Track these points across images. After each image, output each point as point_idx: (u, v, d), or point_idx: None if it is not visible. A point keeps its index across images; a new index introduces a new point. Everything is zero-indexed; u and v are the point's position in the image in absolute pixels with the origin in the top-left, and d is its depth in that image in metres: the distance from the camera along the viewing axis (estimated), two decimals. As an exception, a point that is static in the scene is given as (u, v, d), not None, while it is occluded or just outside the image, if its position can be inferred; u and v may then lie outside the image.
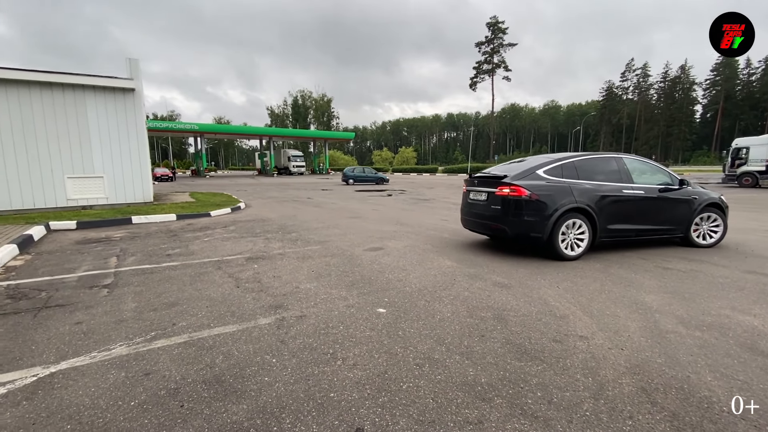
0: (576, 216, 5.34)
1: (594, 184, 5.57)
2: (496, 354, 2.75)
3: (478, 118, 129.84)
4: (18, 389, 2.32)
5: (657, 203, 5.89)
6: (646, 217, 5.87)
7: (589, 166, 5.77)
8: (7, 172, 10.00)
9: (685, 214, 6.10)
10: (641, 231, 5.88)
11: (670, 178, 6.22)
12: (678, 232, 6.16)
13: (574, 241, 5.43)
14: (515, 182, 5.35)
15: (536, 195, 5.24)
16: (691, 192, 6.17)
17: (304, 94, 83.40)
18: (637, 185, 5.82)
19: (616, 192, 5.64)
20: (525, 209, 5.26)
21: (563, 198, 5.30)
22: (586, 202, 5.37)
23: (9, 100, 9.80)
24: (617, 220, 5.65)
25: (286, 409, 2.12)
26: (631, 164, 6.02)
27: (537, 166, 5.64)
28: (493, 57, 69.12)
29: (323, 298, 3.91)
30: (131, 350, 2.81)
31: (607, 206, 5.54)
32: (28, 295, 4.02)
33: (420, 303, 3.76)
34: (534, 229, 5.26)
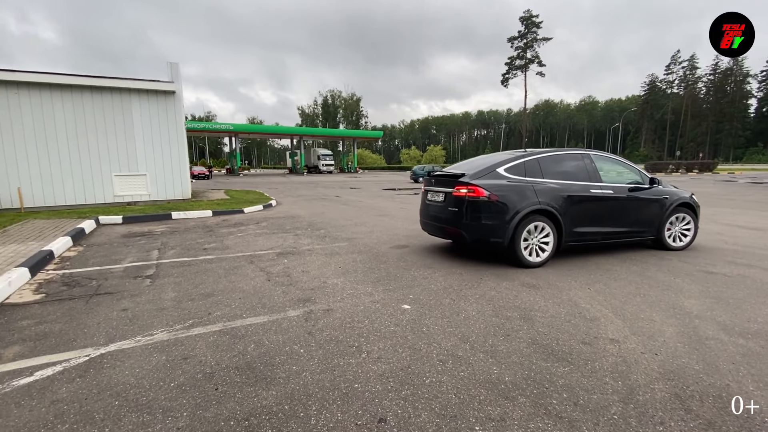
0: (540, 218, 4.91)
1: (559, 184, 5.14)
2: (521, 353, 2.72)
3: (509, 114, 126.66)
4: (72, 367, 2.54)
5: (626, 204, 5.51)
6: (616, 219, 5.49)
7: (555, 163, 5.34)
8: (62, 171, 10.83)
9: (656, 214, 5.76)
10: (610, 234, 5.50)
11: (641, 177, 5.85)
12: (649, 234, 5.80)
13: (537, 246, 4.98)
14: (473, 182, 4.87)
15: (496, 196, 4.79)
16: (662, 191, 5.83)
17: (334, 93, 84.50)
18: (605, 184, 5.43)
19: (583, 192, 5.22)
20: (483, 211, 4.80)
21: (525, 199, 4.86)
22: (550, 204, 4.95)
23: (64, 103, 10.61)
24: (584, 223, 5.26)
25: (313, 397, 2.21)
26: (599, 162, 5.62)
27: (497, 164, 5.14)
28: (526, 52, 67.24)
29: (349, 293, 4.00)
30: (171, 336, 3.01)
31: (573, 207, 5.14)
32: (80, 283, 4.36)
33: (445, 301, 3.77)
34: (494, 233, 4.81)
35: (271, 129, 57.49)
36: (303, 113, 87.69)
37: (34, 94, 10.21)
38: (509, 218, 4.77)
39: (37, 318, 3.36)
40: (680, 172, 44.93)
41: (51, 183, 10.74)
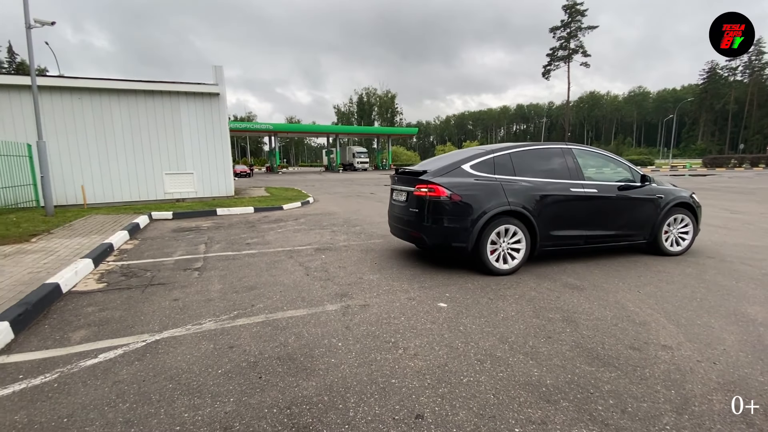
0: (510, 221, 4.44)
1: (534, 182, 4.65)
2: (563, 356, 2.63)
3: (551, 108, 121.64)
4: (131, 351, 2.75)
5: (614, 204, 4.99)
6: (601, 221, 4.96)
7: (529, 159, 4.81)
8: (119, 170, 11.70)
9: (650, 216, 5.20)
10: (594, 238, 4.95)
11: (631, 174, 5.31)
12: (640, 237, 5.25)
13: (507, 252, 4.51)
14: (433, 180, 4.42)
15: (458, 195, 4.34)
16: (656, 190, 5.27)
17: (369, 91, 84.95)
18: (589, 183, 4.89)
19: (561, 191, 4.71)
20: (444, 213, 4.35)
21: (493, 199, 4.40)
22: (522, 204, 4.47)
23: (121, 107, 11.44)
24: (564, 225, 4.76)
25: (351, 390, 2.26)
26: (582, 157, 5.08)
27: (463, 160, 4.66)
28: (569, 42, 64.18)
29: (385, 289, 4.03)
30: (218, 326, 3.17)
31: (549, 209, 4.64)
32: (137, 274, 4.70)
33: (482, 300, 3.70)
34: (456, 237, 4.36)
35: (308, 128, 58.84)
36: (339, 111, 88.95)
37: (94, 99, 11.10)
38: (473, 220, 4.30)
39: (100, 305, 3.67)
40: (744, 167, 41.20)
41: (110, 181, 11.64)
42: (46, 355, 2.70)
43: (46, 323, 3.23)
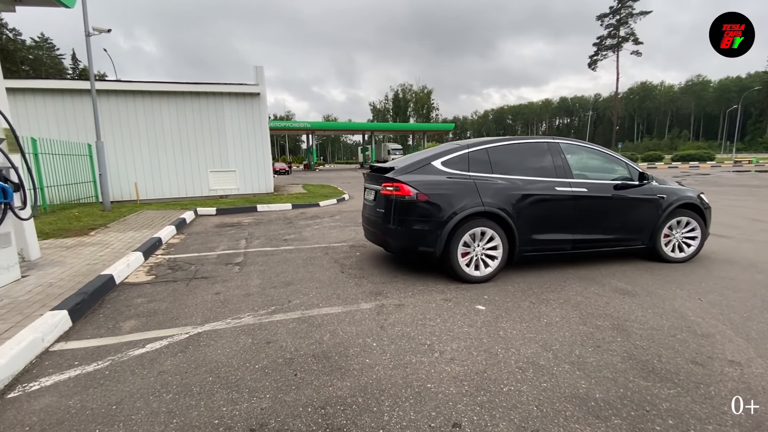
0: (484, 223, 4.05)
1: (513, 180, 4.23)
2: (614, 368, 2.43)
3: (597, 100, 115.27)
4: (175, 343, 2.86)
5: (608, 205, 4.51)
6: (592, 224, 4.48)
7: (509, 155, 4.39)
8: (168, 168, 12.38)
9: (649, 218, 4.69)
10: (582, 242, 4.48)
11: (628, 171, 4.79)
12: (638, 242, 4.74)
13: (482, 257, 4.13)
14: (398, 177, 4.06)
15: (425, 195, 3.96)
16: (656, 189, 4.75)
17: (405, 87, 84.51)
18: (578, 181, 4.43)
19: (544, 191, 4.28)
20: (410, 214, 3.99)
21: (465, 199, 4.01)
22: (498, 205, 4.07)
23: (170, 108, 12.10)
24: (547, 229, 4.32)
25: (386, 393, 2.21)
26: (571, 153, 4.61)
27: (433, 156, 4.26)
28: (619, 29, 60.35)
29: (420, 289, 3.94)
30: (256, 320, 3.24)
31: (531, 210, 4.22)
32: (182, 267, 4.92)
33: (523, 304, 3.53)
34: (423, 240, 4.00)
35: (344, 125, 59.50)
36: (374, 109, 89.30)
37: (146, 101, 11.80)
38: (442, 223, 3.94)
39: (148, 296, 3.86)
40: (822, 162, 36.87)
41: (159, 178, 12.36)
42: (99, 343, 2.87)
43: (100, 312, 3.45)
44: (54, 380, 2.39)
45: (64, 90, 11.17)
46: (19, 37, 52.59)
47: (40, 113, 11.09)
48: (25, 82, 11.13)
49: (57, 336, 2.91)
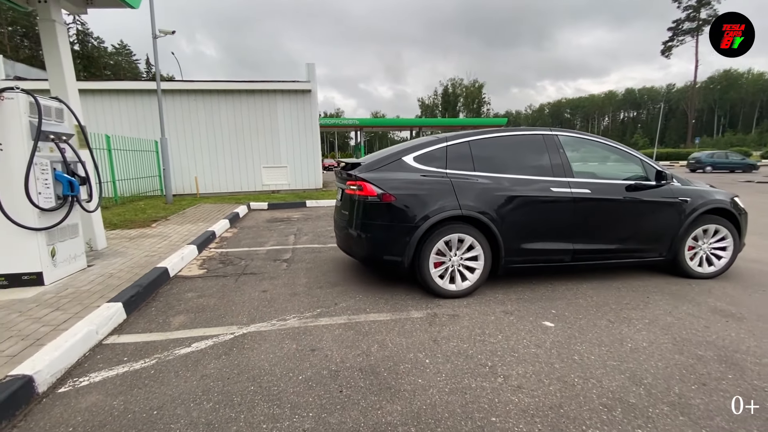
0: (462, 229, 3.49)
1: (498, 179, 3.63)
2: (732, 418, 1.93)
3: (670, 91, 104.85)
4: (220, 344, 2.77)
5: (616, 209, 3.84)
6: (595, 232, 3.82)
7: (495, 150, 3.78)
8: (225, 163, 12.92)
9: (668, 225, 3.96)
10: (584, 253, 3.81)
11: (644, 170, 4.05)
12: (654, 253, 4.01)
13: (459, 269, 3.58)
14: (362, 175, 3.56)
15: (391, 195, 3.44)
16: (678, 191, 3.99)
17: (455, 81, 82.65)
18: (580, 181, 3.77)
19: (537, 192, 3.65)
20: (374, 217, 3.50)
21: (439, 200, 3.46)
22: (479, 208, 3.50)
23: (227, 106, 12.59)
24: (539, 237, 3.70)
25: (442, 424, 1.91)
26: (572, 148, 3.94)
27: (404, 150, 3.73)
28: (699, 11, 54.26)
29: (477, 297, 3.58)
30: (301, 323, 3.08)
31: (520, 214, 3.62)
32: (233, 262, 4.95)
33: (600, 322, 3.05)
34: (388, 248, 3.50)
35: (392, 122, 59.31)
36: (423, 104, 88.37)
37: (206, 99, 12.37)
38: (410, 228, 3.42)
39: (199, 291, 3.87)
40: None
41: (217, 173, 12.93)
42: (148, 338, 2.86)
43: (153, 306, 3.48)
44: (103, 376, 2.37)
45: (135, 90, 12.03)
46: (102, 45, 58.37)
47: (115, 112, 12.03)
48: (101, 84, 12.12)
49: (111, 329, 2.95)
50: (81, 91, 11.39)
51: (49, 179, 3.61)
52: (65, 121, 3.99)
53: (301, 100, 13.09)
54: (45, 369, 2.24)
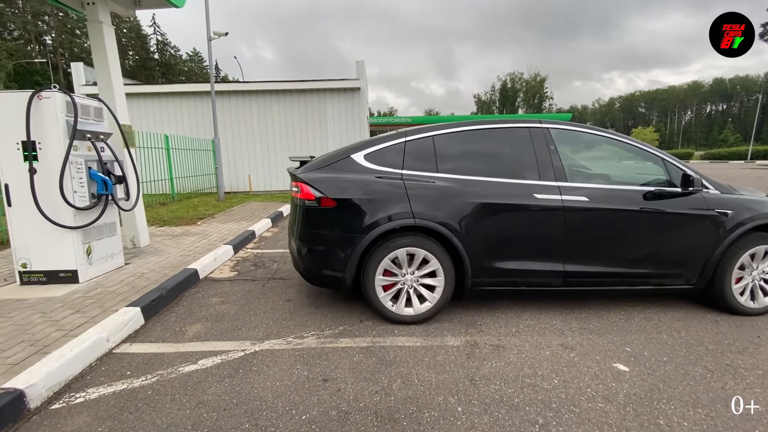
0: (416, 242, 2.90)
1: (465, 182, 2.99)
2: None
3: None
4: (228, 362, 2.50)
5: (624, 222, 3.03)
6: (594, 250, 3.06)
7: (466, 147, 3.15)
8: (276, 161, 13.15)
9: (700, 245, 3.06)
10: (580, 276, 3.04)
11: (666, 173, 3.15)
12: (679, 280, 3.12)
13: (414, 289, 2.99)
14: (302, 175, 3.07)
15: (331, 200, 2.93)
16: (714, 201, 3.06)
17: (514, 76, 78.93)
18: (575, 186, 3.03)
19: (516, 199, 2.97)
20: (312, 225, 3.03)
21: (389, 207, 2.90)
22: (437, 217, 2.89)
23: (278, 105, 12.80)
24: (517, 254, 3.03)
25: None
26: (567, 143, 3.26)
27: (356, 147, 3.17)
28: (812, -15, 46.23)
29: (529, 324, 2.99)
30: (319, 343, 2.73)
31: (491, 226, 2.98)
32: (265, 264, 4.77)
33: (695, 370, 2.33)
34: (328, 262, 3.01)
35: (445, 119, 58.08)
36: (479, 100, 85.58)
37: (259, 99, 12.67)
38: (353, 239, 2.90)
39: (223, 296, 3.69)
40: None
41: (269, 171, 13.21)
42: (158, 349, 2.67)
43: (174, 311, 3.34)
44: (99, 393, 2.18)
45: (194, 92, 12.64)
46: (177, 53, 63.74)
47: (177, 113, 12.74)
48: (164, 87, 12.90)
49: (125, 336, 2.81)
50: (148, 94, 12.16)
51: (84, 178, 3.61)
52: (104, 120, 4.02)
53: (350, 98, 12.94)
54: (40, 382, 2.09)
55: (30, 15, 38.31)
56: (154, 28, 56.95)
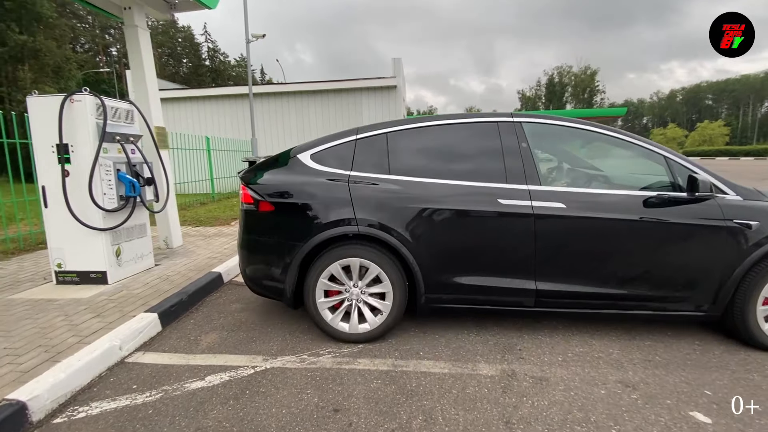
0: (361, 251, 2.61)
1: (416, 186, 2.65)
2: None
3: None
4: (235, 381, 2.31)
5: (611, 233, 2.51)
6: (575, 266, 2.56)
7: (424, 145, 2.81)
8: (313, 161, 13.26)
9: (715, 263, 2.46)
10: (553, 296, 2.57)
11: (669, 174, 2.56)
12: (686, 305, 2.53)
13: (362, 304, 2.69)
14: (243, 177, 2.92)
15: (269, 204, 2.75)
16: (731, 208, 2.46)
17: (562, 70, 74.97)
18: (548, 190, 2.57)
19: (476, 205, 2.57)
20: (252, 231, 2.88)
21: (331, 212, 2.64)
22: (384, 225, 2.57)
23: (314, 106, 12.89)
24: (479, 268, 2.62)
25: None
26: (545, 141, 2.93)
27: (303, 147, 2.93)
28: None
29: (578, 352, 2.55)
30: (335, 363, 2.47)
31: (447, 235, 2.60)
32: (292, 269, 4.61)
33: (806, 430, 1.81)
34: (267, 272, 2.80)
35: (489, 116, 56.43)
36: (523, 96, 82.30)
37: (297, 100, 12.82)
38: (292, 247, 2.66)
39: (245, 303, 3.55)
40: None
41: (306, 172, 13.32)
42: (170, 360, 2.55)
43: (192, 318, 3.23)
44: (102, 409, 2.07)
45: (235, 95, 13.01)
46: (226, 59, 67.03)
47: (219, 115, 13.19)
48: (207, 90, 13.44)
49: (139, 343, 2.73)
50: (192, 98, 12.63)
51: (113, 180, 3.63)
52: (135, 123, 4.04)
53: (386, 96, 12.74)
54: (44, 394, 2.01)
55: (98, 29, 41.86)
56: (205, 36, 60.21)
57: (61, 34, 24.38)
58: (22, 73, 18.77)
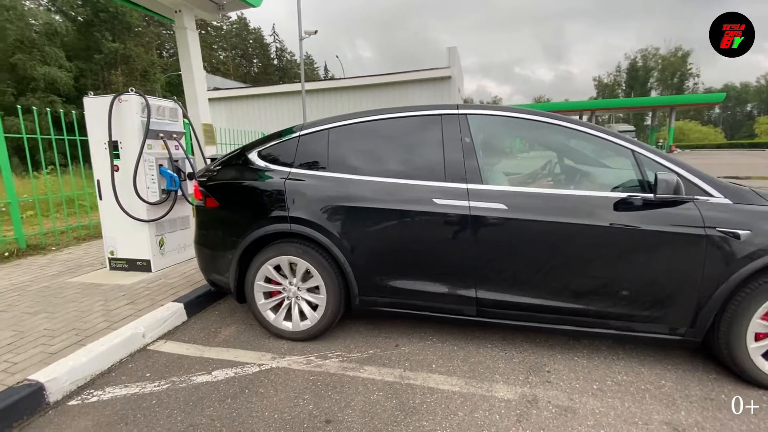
0: (296, 250, 2.54)
1: (347, 184, 2.51)
2: None
3: None
4: (238, 378, 2.29)
5: (567, 239, 2.20)
6: (520, 274, 2.30)
7: (364, 141, 2.65)
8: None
9: (691, 279, 2.04)
10: (495, 306, 2.34)
11: (639, 171, 2.19)
12: (658, 326, 2.15)
13: (300, 302, 2.63)
14: (197, 173, 3.10)
15: (214, 200, 2.78)
16: (713, 214, 2.02)
17: (647, 53, 67.39)
18: (488, 189, 2.31)
19: (408, 204, 2.39)
20: (202, 226, 3.00)
21: (268, 210, 2.60)
22: (316, 223, 2.48)
23: (366, 99, 12.91)
24: (414, 272, 2.47)
25: None
26: (492, 136, 2.83)
27: (253, 144, 2.87)
28: None
29: (621, 380, 2.16)
30: (339, 368, 2.36)
31: (379, 235, 2.46)
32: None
33: None
34: (214, 266, 2.87)
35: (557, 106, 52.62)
36: (600, 83, 75.54)
37: (349, 95, 12.98)
38: (233, 243, 2.69)
39: (270, 297, 3.58)
40: None
41: (357, 166, 13.47)
42: (186, 351, 2.62)
43: (217, 309, 3.32)
44: (112, 395, 2.16)
45: (290, 92, 13.48)
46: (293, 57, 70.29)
47: (278, 111, 13.78)
48: (264, 89, 14.07)
49: (164, 332, 2.84)
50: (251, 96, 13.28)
51: (155, 175, 3.85)
52: (179, 120, 4.25)
53: (438, 88, 12.34)
54: (63, 376, 2.14)
55: (181, 36, 46.30)
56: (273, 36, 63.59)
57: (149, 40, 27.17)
58: (115, 77, 21.31)
